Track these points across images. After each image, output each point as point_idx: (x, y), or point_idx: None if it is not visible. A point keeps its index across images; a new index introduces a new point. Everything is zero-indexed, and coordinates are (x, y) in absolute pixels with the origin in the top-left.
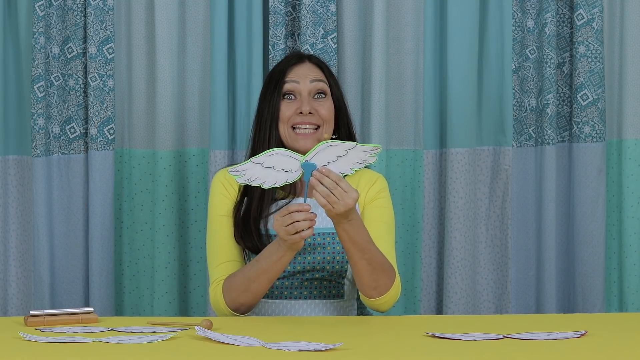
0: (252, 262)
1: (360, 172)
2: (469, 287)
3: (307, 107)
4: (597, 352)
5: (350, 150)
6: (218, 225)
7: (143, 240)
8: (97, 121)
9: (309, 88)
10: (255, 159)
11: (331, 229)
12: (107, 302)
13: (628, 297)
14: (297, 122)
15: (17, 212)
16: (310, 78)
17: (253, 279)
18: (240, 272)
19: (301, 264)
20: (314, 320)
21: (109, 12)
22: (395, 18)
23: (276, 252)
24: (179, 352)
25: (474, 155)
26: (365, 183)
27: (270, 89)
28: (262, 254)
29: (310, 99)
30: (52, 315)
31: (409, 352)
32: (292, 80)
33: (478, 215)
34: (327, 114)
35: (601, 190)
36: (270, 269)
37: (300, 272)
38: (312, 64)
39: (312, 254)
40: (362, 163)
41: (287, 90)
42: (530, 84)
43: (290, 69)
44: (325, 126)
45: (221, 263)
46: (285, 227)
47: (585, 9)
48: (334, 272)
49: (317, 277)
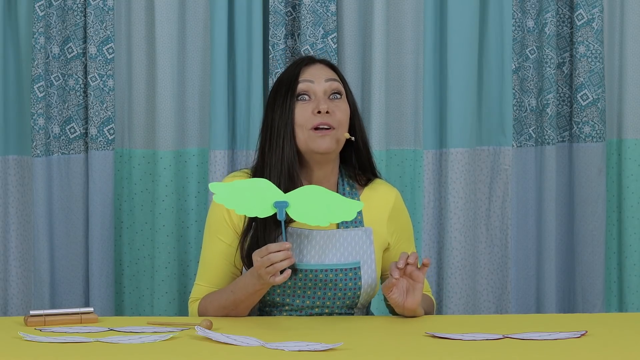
0: (227, 291)
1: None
2: (469, 287)
3: (324, 106)
4: (597, 352)
5: (333, 203)
6: (212, 245)
7: (143, 240)
8: (97, 121)
9: (324, 87)
10: (237, 184)
11: (344, 265)
12: (107, 302)
13: (628, 297)
14: (314, 123)
15: (17, 212)
16: (325, 77)
17: (229, 307)
18: (215, 300)
19: (311, 299)
20: (314, 321)
21: (109, 12)
22: (395, 18)
23: (252, 286)
24: (179, 352)
25: (474, 155)
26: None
27: (281, 92)
28: (237, 284)
29: (326, 99)
30: (52, 315)
31: (409, 352)
32: (306, 80)
33: (478, 216)
34: (343, 116)
35: (601, 190)
36: (247, 299)
37: (310, 307)
38: (324, 65)
39: (322, 289)
40: (340, 219)
41: (302, 90)
42: (530, 84)
43: (303, 70)
44: (340, 129)
45: (205, 284)
46: (266, 268)
47: (585, 9)
48: (344, 306)
49: (327, 312)
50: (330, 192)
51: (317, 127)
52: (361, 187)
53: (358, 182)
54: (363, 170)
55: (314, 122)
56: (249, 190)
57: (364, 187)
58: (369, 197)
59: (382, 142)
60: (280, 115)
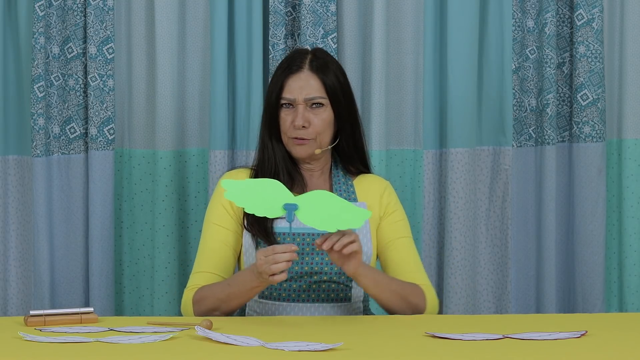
0: (223, 284)
1: (368, 178)
2: (469, 287)
3: (300, 122)
4: (597, 352)
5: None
6: (210, 232)
7: (143, 240)
8: (97, 121)
9: (305, 102)
10: (248, 182)
11: None
12: (107, 302)
13: (628, 297)
14: (292, 135)
15: (17, 212)
16: (305, 94)
17: (224, 300)
18: (211, 291)
19: (309, 265)
20: (314, 320)
21: (109, 12)
22: (395, 18)
23: (250, 282)
24: (179, 352)
25: (474, 155)
26: (374, 192)
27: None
28: (235, 279)
29: (304, 110)
30: (52, 315)
31: (409, 352)
32: (288, 98)
33: (478, 216)
34: (321, 126)
35: (601, 190)
36: (242, 295)
37: (308, 273)
38: (313, 72)
39: (320, 254)
40: (347, 226)
41: (284, 100)
42: (530, 84)
43: (286, 81)
44: (319, 137)
45: (202, 272)
46: (270, 266)
47: (585, 9)
48: (341, 274)
49: (325, 280)
50: (339, 199)
51: (294, 137)
52: (354, 176)
53: (350, 172)
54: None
55: (291, 133)
56: (260, 189)
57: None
58: (361, 182)
59: (382, 142)
60: (269, 117)
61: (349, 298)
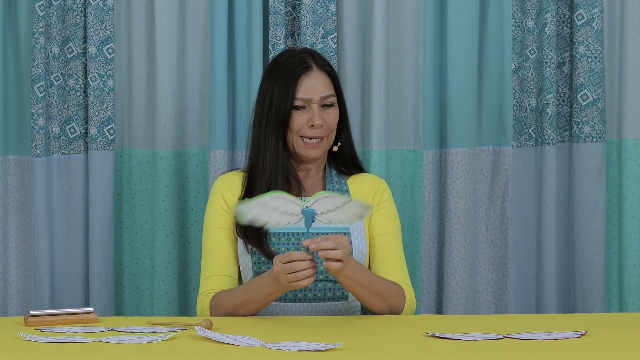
0: (241, 289)
1: (362, 176)
2: (469, 287)
3: (319, 121)
4: (597, 352)
5: (348, 204)
6: (213, 236)
7: (143, 240)
8: (97, 121)
9: (320, 100)
10: (259, 200)
11: (333, 230)
12: (107, 302)
13: (628, 297)
14: (307, 134)
15: (17, 212)
16: (321, 93)
17: (241, 305)
18: (228, 296)
19: None
20: (314, 320)
21: (109, 12)
22: (395, 18)
23: (268, 288)
24: (179, 352)
25: (474, 155)
26: (368, 189)
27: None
28: (252, 284)
29: (319, 110)
30: (52, 315)
31: (409, 352)
32: (303, 98)
33: (478, 216)
34: (333, 124)
35: (601, 190)
36: (260, 300)
37: None
38: (322, 72)
39: (315, 254)
40: (359, 217)
41: (299, 103)
42: (530, 84)
43: (301, 80)
44: (330, 136)
45: (213, 275)
46: (286, 274)
47: (585, 9)
48: None
49: (321, 279)
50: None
51: (309, 137)
52: (347, 176)
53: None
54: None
55: (306, 132)
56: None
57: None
58: (355, 180)
59: (382, 142)
60: (276, 115)
61: (345, 297)
